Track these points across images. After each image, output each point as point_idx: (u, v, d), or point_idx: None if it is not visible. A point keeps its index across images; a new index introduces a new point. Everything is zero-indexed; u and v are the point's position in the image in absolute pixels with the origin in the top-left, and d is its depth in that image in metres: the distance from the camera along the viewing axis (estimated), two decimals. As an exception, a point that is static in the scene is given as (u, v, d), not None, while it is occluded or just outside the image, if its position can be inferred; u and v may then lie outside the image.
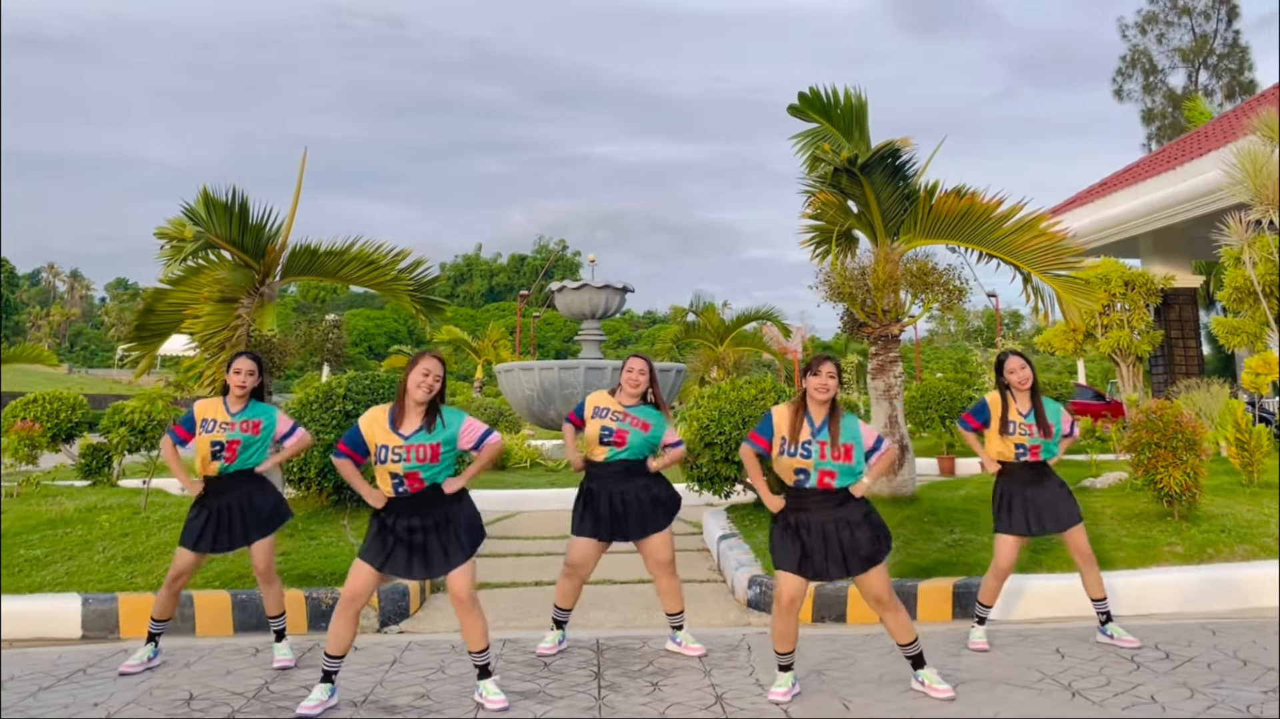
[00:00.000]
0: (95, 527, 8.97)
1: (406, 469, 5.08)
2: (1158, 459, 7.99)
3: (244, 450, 5.96)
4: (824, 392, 5.17)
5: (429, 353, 5.29)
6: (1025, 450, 6.15)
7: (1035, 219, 8.69)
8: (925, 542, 8.02)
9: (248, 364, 6.06)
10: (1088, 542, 6.19)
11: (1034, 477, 6.17)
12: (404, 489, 5.11)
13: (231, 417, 5.96)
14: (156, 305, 8.81)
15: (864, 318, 9.19)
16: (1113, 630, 6.15)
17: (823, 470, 5.06)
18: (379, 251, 9.11)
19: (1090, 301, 8.48)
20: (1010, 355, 6.33)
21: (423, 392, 5.14)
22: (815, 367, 5.25)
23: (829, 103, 8.96)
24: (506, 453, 16.20)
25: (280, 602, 6.16)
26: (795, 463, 5.07)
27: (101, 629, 7.09)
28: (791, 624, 5.16)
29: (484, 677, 5.20)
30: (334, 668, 5.14)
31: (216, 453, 5.90)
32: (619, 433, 6.08)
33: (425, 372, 5.15)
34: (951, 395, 17.57)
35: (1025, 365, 6.26)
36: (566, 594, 6.30)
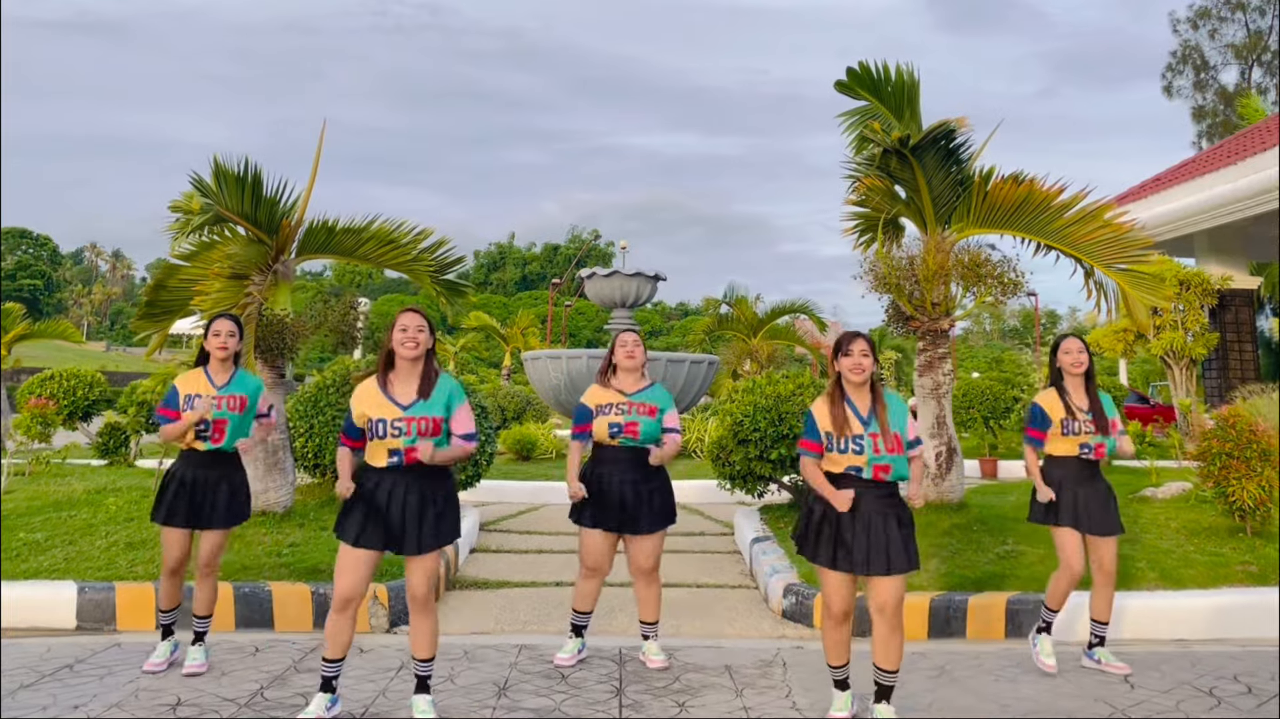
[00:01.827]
0: (101, 510, 8.61)
1: (408, 444, 4.58)
2: (1230, 470, 7.40)
3: (231, 429, 5.52)
4: (860, 372, 4.62)
5: (406, 308, 4.83)
6: (1090, 449, 5.62)
7: (1099, 209, 8.09)
8: (975, 552, 7.47)
9: (227, 325, 5.63)
10: (1116, 558, 5.66)
11: (1088, 474, 5.65)
12: (399, 463, 4.62)
13: (217, 390, 5.50)
14: (168, 282, 8.40)
15: (911, 311, 8.63)
16: (1101, 655, 5.69)
17: (877, 465, 4.54)
18: (399, 230, 8.64)
19: (1158, 298, 7.88)
20: (1069, 337, 5.82)
21: (409, 348, 4.65)
22: (846, 345, 4.69)
23: (879, 79, 8.41)
24: (531, 443, 15.77)
25: (212, 602, 5.67)
26: (847, 459, 4.55)
27: (97, 620, 6.69)
28: (845, 632, 4.69)
29: (421, 690, 4.76)
30: (334, 673, 4.69)
31: (203, 433, 5.46)
32: (629, 426, 5.64)
33: (403, 327, 4.68)
34: (995, 395, 16.91)
35: (1083, 349, 5.74)
36: (586, 596, 5.83)
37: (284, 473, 8.30)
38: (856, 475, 4.54)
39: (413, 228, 8.80)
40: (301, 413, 9.48)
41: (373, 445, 4.63)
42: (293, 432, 9.11)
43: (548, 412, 22.21)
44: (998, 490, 10.33)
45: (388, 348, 4.71)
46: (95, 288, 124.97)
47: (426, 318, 4.77)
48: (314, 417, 9.30)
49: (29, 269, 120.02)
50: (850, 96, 8.77)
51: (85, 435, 14.14)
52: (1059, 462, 5.71)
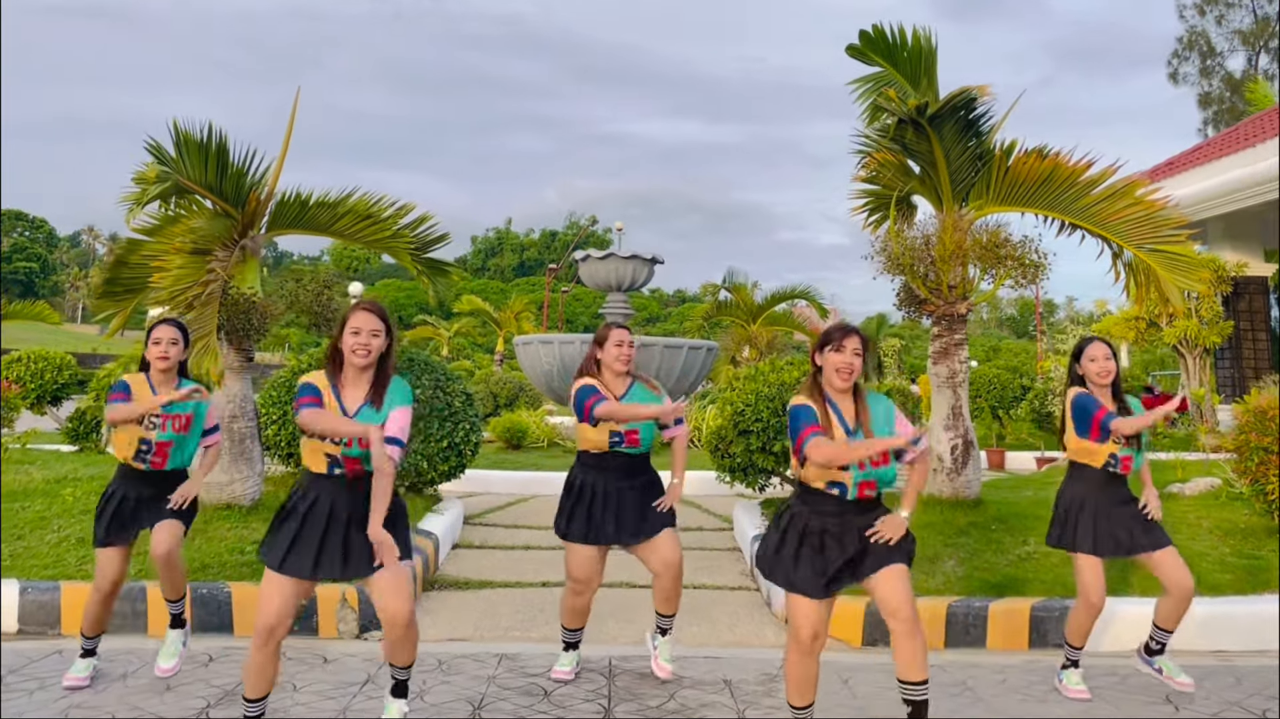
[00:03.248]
0: (57, 501, 8.03)
1: (346, 454, 3.94)
2: (1269, 466, 6.86)
3: (175, 452, 4.93)
4: (848, 374, 3.94)
5: (361, 303, 4.13)
6: (1117, 462, 4.97)
7: (1130, 185, 7.51)
8: (995, 554, 6.93)
9: (169, 332, 4.97)
10: (1185, 568, 5.03)
11: (1114, 490, 5.01)
12: (339, 473, 3.97)
13: (161, 409, 4.83)
14: (129, 258, 7.81)
15: (926, 294, 8.07)
16: (1163, 665, 5.05)
17: (862, 482, 3.88)
18: (379, 205, 8.04)
19: (1193, 281, 7.31)
20: (1094, 341, 5.10)
21: (359, 356, 4.00)
22: (838, 340, 3.96)
23: (894, 44, 7.81)
24: (522, 431, 15.22)
25: (180, 585, 5.06)
26: (828, 473, 3.89)
27: (40, 623, 6.13)
28: (814, 667, 3.99)
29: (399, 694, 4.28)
30: (258, 712, 4.04)
31: (143, 454, 4.87)
32: (629, 434, 5.03)
33: (355, 329, 4.01)
34: (1003, 384, 16.38)
35: (1110, 356, 5.06)
36: (576, 613, 5.24)
37: (251, 463, 7.74)
38: (839, 495, 3.89)
39: (393, 202, 8.22)
40: (275, 399, 8.93)
41: (310, 444, 3.98)
42: (264, 419, 8.56)
43: (540, 398, 21.66)
44: (1012, 485, 9.79)
45: (336, 346, 4.07)
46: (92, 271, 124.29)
47: (384, 316, 4.10)
48: (287, 403, 8.74)
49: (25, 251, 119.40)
50: (863, 62, 8.16)
51: (54, 420, 13.56)
52: (1080, 474, 5.07)
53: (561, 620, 5.29)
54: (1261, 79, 36.29)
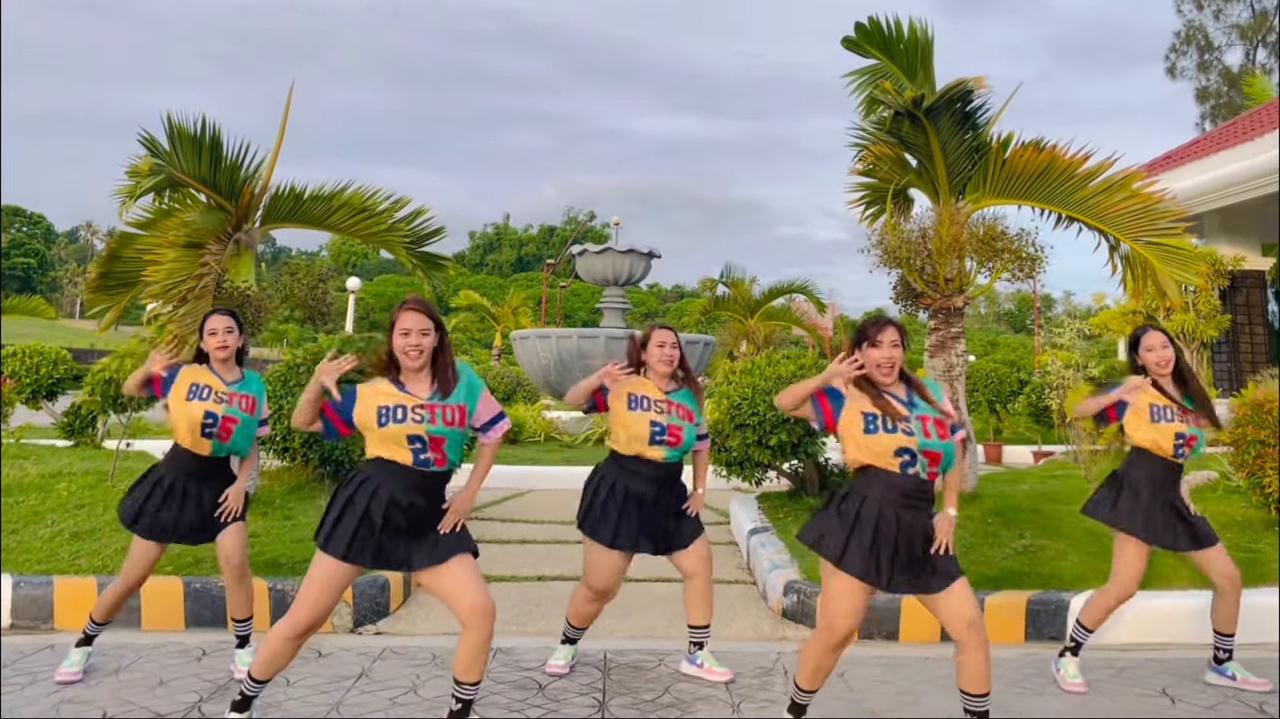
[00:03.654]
0: (51, 496, 8.01)
1: (431, 432, 3.89)
2: (1266, 459, 6.85)
3: (239, 431, 4.93)
4: (889, 368, 3.88)
5: (408, 302, 4.07)
6: (1184, 442, 4.88)
7: (1127, 178, 7.48)
8: (991, 547, 6.91)
9: (224, 321, 5.00)
10: (1230, 558, 5.01)
11: (1173, 478, 4.97)
12: (427, 459, 3.91)
13: (228, 386, 4.91)
14: (122, 251, 7.80)
15: (923, 287, 8.04)
16: (1234, 670, 5.03)
17: (928, 452, 3.78)
18: (373, 199, 8.03)
19: (1190, 274, 7.29)
20: (1149, 330, 5.05)
21: (413, 357, 3.97)
22: (874, 336, 3.91)
23: (890, 36, 7.78)
24: (519, 426, 15.19)
25: (249, 603, 5.11)
26: (897, 441, 3.77)
27: (32, 618, 6.11)
28: (836, 659, 3.97)
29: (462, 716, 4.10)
30: (255, 693, 4.07)
31: (209, 428, 4.83)
32: (671, 429, 4.86)
33: (405, 330, 3.97)
34: (1000, 378, 16.37)
35: (1168, 344, 5.01)
36: (586, 617, 5.19)
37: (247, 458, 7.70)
38: (907, 471, 3.78)
39: (388, 196, 8.20)
40: (270, 393, 8.87)
41: (386, 434, 3.90)
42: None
43: (538, 393, 21.63)
44: (1009, 479, 9.77)
45: (389, 350, 4.03)
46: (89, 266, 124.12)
47: (431, 313, 4.06)
48: (283, 398, 8.70)
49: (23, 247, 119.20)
50: (858, 54, 8.12)
51: (50, 415, 13.52)
52: (1144, 458, 4.98)
53: (568, 617, 5.23)
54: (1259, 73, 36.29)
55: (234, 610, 5.11)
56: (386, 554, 3.93)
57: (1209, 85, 45.50)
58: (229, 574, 5.00)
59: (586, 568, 5.04)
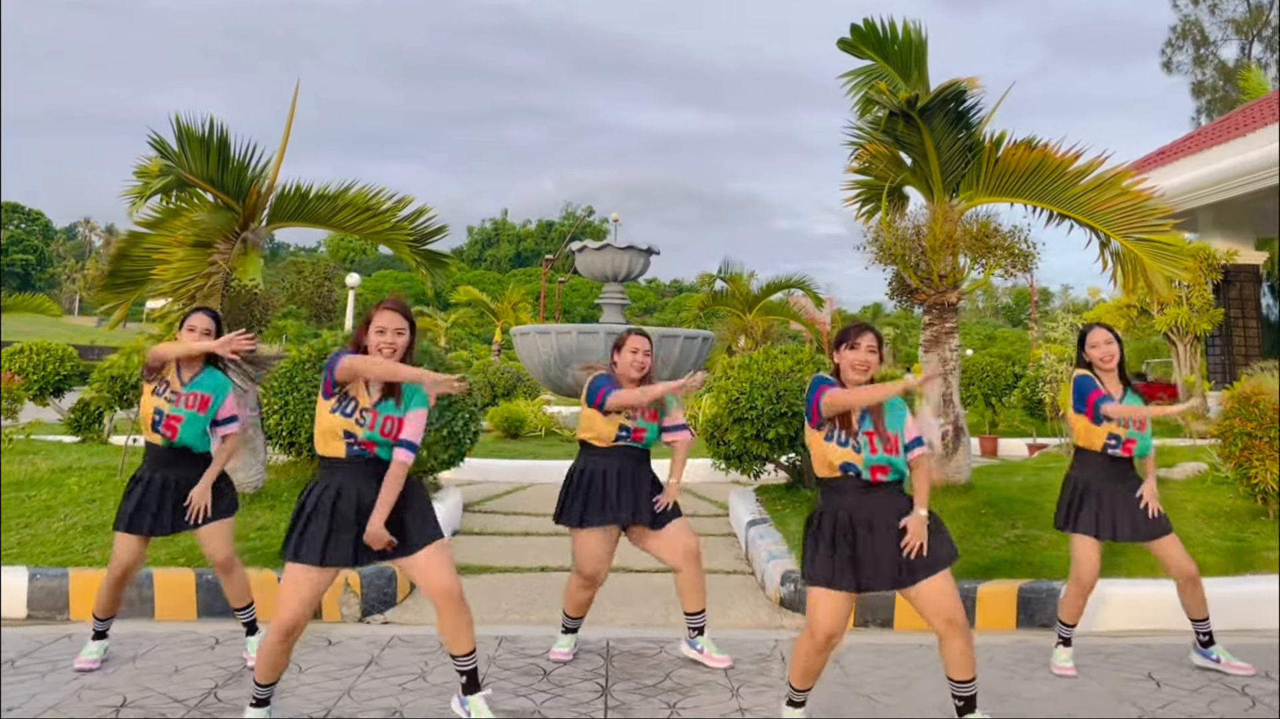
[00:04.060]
0: (62, 490, 8.16)
1: (367, 436, 4.07)
2: (1252, 451, 7.01)
3: (184, 428, 5.01)
4: (865, 370, 4.08)
5: (386, 302, 4.25)
6: (1118, 444, 5.13)
7: (1117, 176, 7.64)
8: (984, 537, 7.07)
9: (203, 321, 5.13)
10: (1186, 553, 5.19)
11: (1117, 473, 5.18)
12: (360, 450, 4.09)
13: (181, 386, 5.02)
14: (131, 251, 7.92)
15: (917, 283, 8.19)
16: (1219, 654, 5.20)
17: (874, 466, 3.98)
18: (377, 198, 8.16)
19: (1178, 269, 7.44)
20: (1095, 328, 5.30)
21: (384, 353, 4.12)
22: (853, 338, 4.12)
23: (885, 37, 7.92)
24: (520, 420, 15.34)
25: (246, 591, 5.28)
26: (843, 455, 3.99)
27: (49, 609, 6.26)
28: (824, 660, 4.11)
29: (471, 689, 4.28)
30: (267, 696, 4.19)
31: (156, 423, 4.99)
32: (636, 432, 5.20)
33: (380, 328, 4.14)
34: (995, 372, 16.54)
35: (1112, 340, 5.23)
36: (581, 605, 5.37)
37: (254, 452, 7.87)
38: (855, 477, 3.99)
39: (392, 195, 8.33)
40: (275, 389, 9.03)
41: (329, 421, 4.08)
42: (266, 409, 8.67)
43: (538, 388, 21.77)
44: (1003, 470, 9.93)
45: (360, 342, 4.19)
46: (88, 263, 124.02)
47: (407, 314, 4.22)
48: (289, 393, 8.84)
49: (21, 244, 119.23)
50: (854, 55, 8.27)
51: (57, 411, 13.67)
52: (1085, 458, 5.24)
53: (564, 608, 5.40)
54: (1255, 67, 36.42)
55: (232, 601, 5.27)
56: (332, 553, 4.03)
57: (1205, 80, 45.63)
58: (216, 569, 5.17)
59: (574, 556, 5.27)
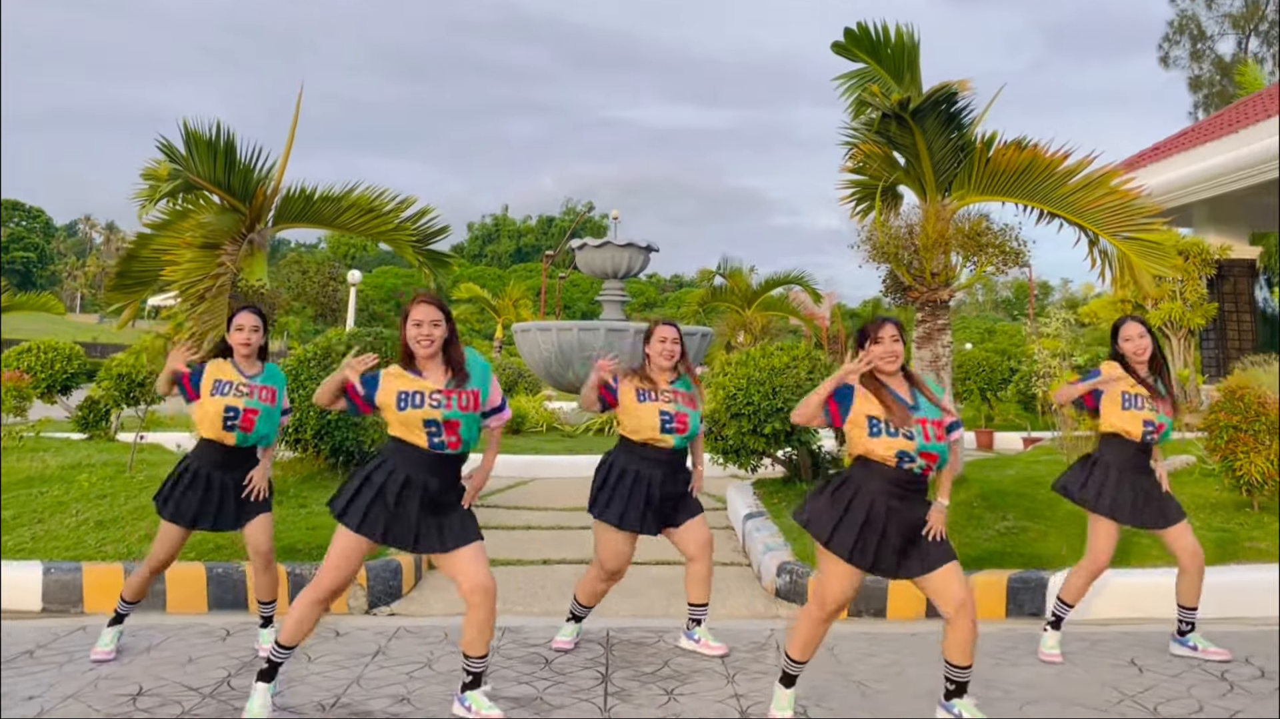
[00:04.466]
0: (74, 486, 8.33)
1: (447, 416, 4.22)
2: (1237, 443, 7.17)
3: (260, 421, 5.18)
4: (894, 360, 4.22)
5: (420, 295, 4.40)
6: (1153, 429, 5.24)
7: (1105, 175, 7.80)
8: (975, 529, 7.24)
9: (251, 319, 5.26)
10: (1197, 541, 5.32)
11: (1144, 461, 5.31)
12: (440, 443, 4.24)
13: (248, 379, 5.16)
14: (140, 252, 8.11)
15: (910, 281, 8.36)
16: (1196, 641, 5.36)
17: (926, 454, 4.12)
18: (380, 199, 8.32)
19: (1165, 267, 7.60)
20: (1128, 320, 5.40)
21: (424, 346, 4.29)
22: (875, 332, 4.25)
23: (878, 40, 8.08)
24: (521, 416, 15.51)
25: (275, 586, 5.43)
26: (898, 444, 4.10)
27: (63, 602, 6.44)
28: (825, 631, 4.31)
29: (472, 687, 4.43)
30: (282, 659, 4.34)
31: (231, 421, 5.09)
32: (679, 416, 5.23)
33: (417, 322, 4.29)
34: (991, 367, 16.71)
35: (1145, 333, 5.33)
36: (595, 595, 5.53)
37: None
38: (908, 463, 4.11)
39: (394, 196, 8.50)
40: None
41: (404, 418, 4.22)
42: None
43: (539, 384, 21.95)
44: (996, 464, 10.10)
45: (404, 339, 4.34)
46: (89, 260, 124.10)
47: (441, 305, 4.38)
48: (294, 391, 9.01)
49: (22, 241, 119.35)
50: (847, 59, 8.43)
51: (64, 409, 13.85)
52: (1115, 443, 5.32)
53: (577, 596, 5.54)
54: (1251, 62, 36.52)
55: (260, 593, 5.42)
56: (395, 533, 4.24)
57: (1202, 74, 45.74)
58: (257, 561, 5.30)
59: (598, 549, 5.37)
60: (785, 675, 4.41)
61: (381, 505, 4.22)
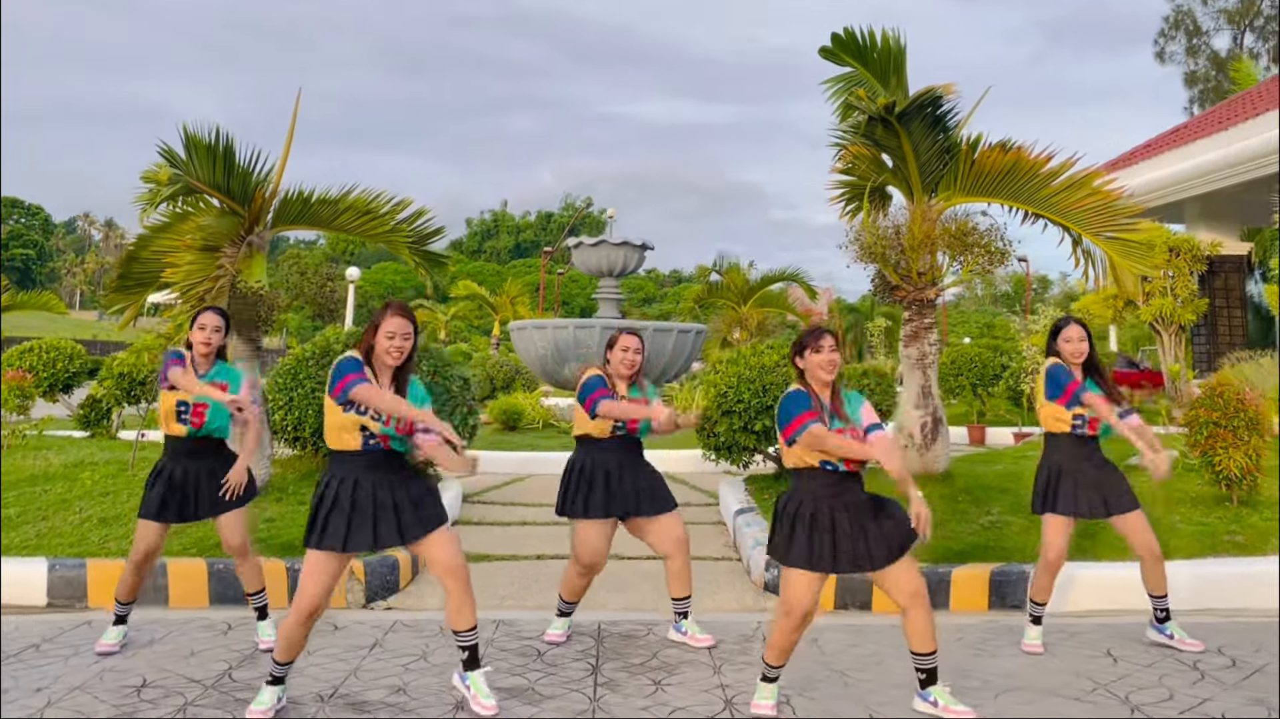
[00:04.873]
0: (77, 484, 8.49)
1: (383, 431, 4.40)
2: (1217, 439, 7.32)
3: (211, 414, 5.37)
4: (831, 368, 4.44)
5: (393, 306, 4.55)
6: (1084, 422, 5.45)
7: (1088, 176, 7.95)
8: (960, 523, 7.40)
9: (214, 319, 5.45)
10: (1150, 530, 5.52)
11: (1085, 452, 5.50)
12: (375, 445, 4.41)
13: (199, 378, 5.34)
14: (140, 253, 8.23)
15: (897, 280, 8.51)
16: (1173, 630, 5.52)
17: (846, 460, 4.35)
18: (377, 201, 8.45)
19: (1147, 266, 7.75)
20: (1070, 323, 5.59)
21: (393, 357, 4.45)
22: (815, 342, 4.46)
23: (864, 45, 8.21)
24: (518, 413, 15.66)
25: (259, 577, 5.62)
26: (820, 454, 4.34)
27: (68, 597, 6.60)
28: (799, 638, 4.49)
29: (472, 665, 4.58)
30: (284, 674, 4.50)
31: (182, 414, 5.33)
32: (630, 423, 5.49)
33: (390, 333, 4.44)
34: (984, 362, 16.86)
35: (1084, 337, 5.52)
36: (576, 590, 5.71)
37: (260, 446, 8.17)
38: (833, 469, 4.35)
39: (391, 198, 8.62)
40: (280, 385, 9.33)
41: (343, 419, 4.37)
42: (271, 404, 8.98)
43: (536, 381, 22.09)
44: (985, 459, 10.26)
45: (369, 344, 4.48)
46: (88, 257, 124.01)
47: (412, 318, 4.54)
48: (293, 389, 9.16)
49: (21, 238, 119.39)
50: (835, 63, 8.57)
51: (66, 408, 14.00)
52: (1054, 443, 5.56)
53: (561, 593, 5.72)
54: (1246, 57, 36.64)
55: (246, 585, 5.62)
56: (355, 540, 4.37)
57: (1197, 69, 45.88)
58: (232, 554, 5.54)
59: (573, 544, 5.59)
60: (765, 676, 4.58)
61: (337, 515, 4.36)
